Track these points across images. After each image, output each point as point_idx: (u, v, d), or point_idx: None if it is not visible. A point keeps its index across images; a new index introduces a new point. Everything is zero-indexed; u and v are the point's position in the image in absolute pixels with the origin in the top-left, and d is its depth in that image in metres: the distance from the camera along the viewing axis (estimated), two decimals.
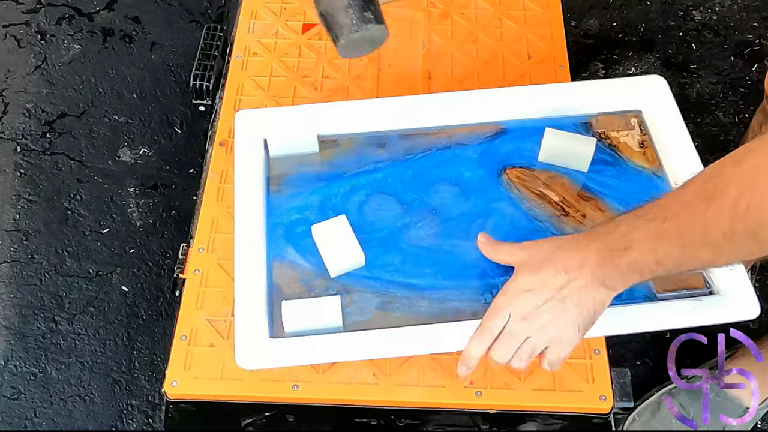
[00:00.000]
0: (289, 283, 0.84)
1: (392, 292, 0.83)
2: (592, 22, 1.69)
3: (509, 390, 0.84)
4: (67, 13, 1.71)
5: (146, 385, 1.25)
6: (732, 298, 0.81)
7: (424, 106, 0.96)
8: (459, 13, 1.13)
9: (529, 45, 1.10)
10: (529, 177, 0.91)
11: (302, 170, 0.92)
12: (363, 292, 0.83)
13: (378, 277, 0.84)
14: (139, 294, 1.34)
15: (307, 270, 0.85)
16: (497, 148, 0.94)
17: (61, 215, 1.42)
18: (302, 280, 0.84)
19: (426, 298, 0.83)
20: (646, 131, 0.94)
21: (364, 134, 0.95)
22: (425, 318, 0.81)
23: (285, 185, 0.91)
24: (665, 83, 0.96)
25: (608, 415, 0.84)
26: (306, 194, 0.90)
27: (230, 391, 0.83)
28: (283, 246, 0.86)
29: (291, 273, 0.85)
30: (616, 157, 0.93)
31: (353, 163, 0.93)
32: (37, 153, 1.50)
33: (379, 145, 0.95)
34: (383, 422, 0.86)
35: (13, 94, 1.58)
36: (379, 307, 0.82)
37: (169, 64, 1.63)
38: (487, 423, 0.87)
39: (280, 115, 0.95)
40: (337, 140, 0.95)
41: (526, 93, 0.97)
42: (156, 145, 1.52)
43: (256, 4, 1.15)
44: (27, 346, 1.29)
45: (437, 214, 0.89)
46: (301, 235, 0.87)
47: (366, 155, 0.94)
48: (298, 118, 0.95)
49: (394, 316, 0.82)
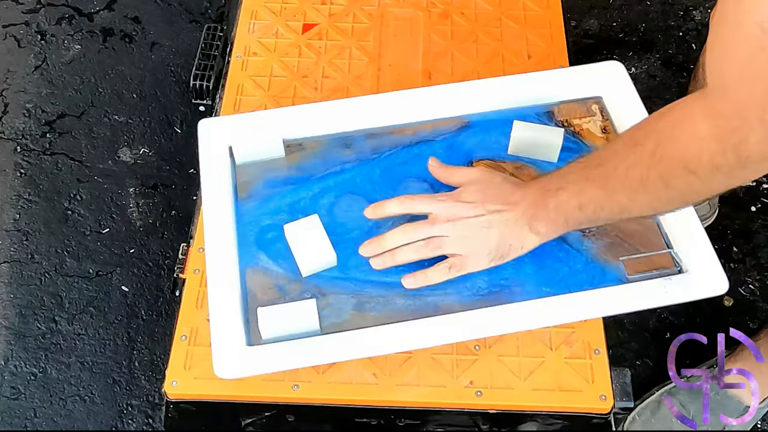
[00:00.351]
0: (263, 290, 0.83)
1: (367, 292, 0.83)
2: (592, 22, 1.69)
3: (509, 390, 0.84)
4: (67, 13, 1.71)
5: (146, 385, 1.25)
6: (701, 275, 0.83)
7: (388, 105, 0.96)
8: (459, 13, 1.13)
9: (529, 45, 1.10)
10: (496, 168, 0.91)
11: (269, 176, 0.91)
12: (338, 294, 0.83)
13: (352, 278, 0.84)
14: (139, 294, 1.34)
15: (280, 275, 0.84)
16: (463, 142, 0.94)
17: (61, 215, 1.42)
18: (276, 286, 0.83)
19: (401, 295, 0.83)
20: (607, 117, 0.95)
21: (330, 136, 0.95)
22: (402, 315, 0.81)
23: (253, 192, 0.90)
24: (623, 68, 0.97)
25: (608, 415, 0.84)
26: (275, 199, 0.90)
27: (230, 391, 0.83)
28: (255, 252, 0.85)
29: (264, 279, 0.84)
30: (580, 144, 0.93)
31: (320, 165, 0.92)
32: (37, 153, 1.50)
33: (346, 146, 0.94)
34: (383, 422, 0.86)
35: (13, 94, 1.58)
36: (355, 308, 0.82)
37: (169, 64, 1.63)
38: (487, 423, 0.87)
39: (244, 122, 0.94)
40: (302, 143, 0.94)
41: (488, 85, 0.97)
42: (156, 145, 1.52)
43: (256, 4, 1.15)
44: (27, 346, 1.29)
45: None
46: (273, 240, 0.86)
47: (333, 157, 0.93)
48: (261, 123, 0.94)
49: (371, 315, 0.81)
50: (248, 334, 0.80)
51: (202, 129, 0.94)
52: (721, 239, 1.38)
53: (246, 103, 1.04)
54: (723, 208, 1.38)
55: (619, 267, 0.84)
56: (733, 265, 1.35)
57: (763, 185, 1.45)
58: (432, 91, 0.97)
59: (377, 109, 0.96)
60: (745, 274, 1.34)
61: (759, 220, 1.41)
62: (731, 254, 1.37)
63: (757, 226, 1.40)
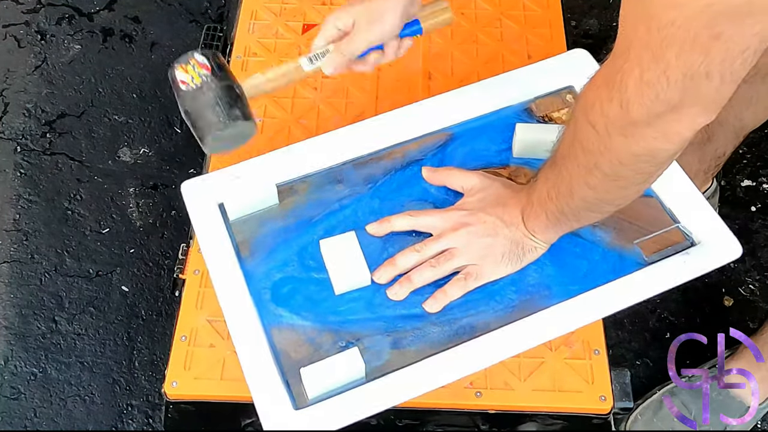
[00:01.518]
0: (295, 348, 0.80)
1: (401, 327, 0.80)
2: (592, 22, 1.69)
3: (509, 390, 0.84)
4: (67, 13, 1.71)
5: (146, 385, 1.25)
6: (714, 243, 0.85)
7: (368, 131, 0.94)
8: (459, 13, 1.13)
9: (529, 45, 1.10)
10: (494, 175, 0.91)
11: (268, 227, 0.88)
12: (372, 336, 0.80)
13: (382, 316, 0.81)
14: (139, 294, 1.34)
15: (308, 328, 0.81)
16: (452, 154, 0.93)
17: (61, 215, 1.42)
18: (307, 341, 0.80)
19: (435, 324, 0.81)
20: None
21: (318, 173, 0.91)
22: (441, 344, 0.79)
23: (255, 248, 0.86)
24: (588, 54, 1.00)
25: (608, 416, 0.84)
26: (280, 251, 0.86)
27: (230, 392, 0.83)
28: (275, 310, 0.82)
29: (293, 336, 0.81)
30: None
31: (316, 206, 0.89)
32: (37, 153, 1.50)
33: (337, 182, 0.91)
34: (383, 422, 0.86)
35: (13, 94, 1.58)
36: (393, 346, 0.79)
37: (169, 64, 1.63)
38: (487, 423, 0.87)
39: (230, 176, 0.90)
40: (293, 187, 0.90)
41: (464, 94, 0.97)
42: (156, 145, 1.52)
43: (256, 4, 1.15)
44: (27, 346, 1.29)
45: (418, 235, 0.86)
46: (290, 293, 0.83)
47: (327, 195, 0.90)
48: (248, 174, 0.90)
49: (411, 351, 0.79)
50: (292, 397, 0.76)
51: (186, 191, 0.89)
52: None
53: None
54: (723, 208, 1.38)
55: (635, 250, 0.85)
56: (733, 265, 1.35)
57: (763, 185, 1.45)
58: (410, 109, 0.96)
59: (359, 137, 0.94)
60: (745, 274, 1.34)
61: (759, 220, 1.41)
62: None
63: (757, 226, 1.40)
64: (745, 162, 1.47)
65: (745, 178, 1.45)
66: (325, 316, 0.82)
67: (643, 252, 0.85)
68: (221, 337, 0.86)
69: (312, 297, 0.83)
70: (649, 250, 0.85)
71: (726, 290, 1.33)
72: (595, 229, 0.86)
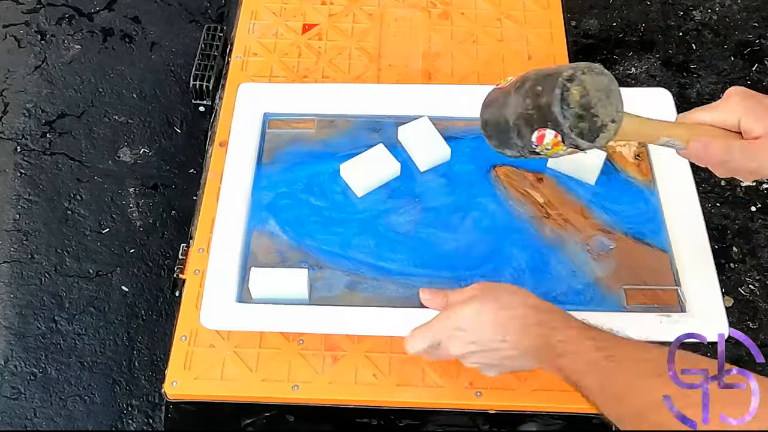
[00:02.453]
0: (264, 252, 0.86)
1: (362, 273, 0.84)
2: (592, 22, 1.69)
3: (509, 390, 0.84)
4: (67, 13, 1.71)
5: (146, 385, 1.25)
6: (701, 317, 0.80)
7: (424, 96, 0.97)
8: (459, 13, 1.13)
9: (530, 45, 1.10)
10: (518, 176, 0.91)
11: (296, 147, 0.94)
12: (334, 269, 0.85)
13: (351, 257, 0.85)
14: (139, 294, 1.34)
15: (284, 242, 0.86)
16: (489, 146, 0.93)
17: (61, 215, 1.42)
18: (277, 251, 0.86)
19: (394, 283, 0.84)
20: (644, 144, 0.93)
21: (361, 117, 0.96)
22: (390, 301, 0.82)
23: (277, 159, 0.93)
24: (670, 97, 0.95)
25: None
26: (296, 169, 0.92)
27: (230, 391, 0.83)
28: (265, 216, 0.88)
29: (268, 243, 0.86)
30: (608, 167, 0.92)
31: (347, 144, 0.94)
32: (37, 153, 1.50)
33: (375, 130, 0.95)
34: (383, 422, 0.86)
35: (13, 94, 1.58)
36: (348, 286, 0.84)
37: (169, 64, 1.63)
38: (487, 423, 0.87)
39: (281, 91, 0.98)
40: (333, 120, 0.96)
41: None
42: (156, 145, 1.52)
43: (256, 4, 1.15)
44: (27, 346, 1.29)
45: (420, 203, 0.89)
46: (285, 207, 0.89)
47: (360, 137, 0.94)
48: (298, 96, 0.97)
49: (361, 296, 0.83)
50: (240, 291, 0.83)
51: (242, 92, 0.96)
52: (721, 239, 1.38)
53: None
54: (723, 208, 1.38)
55: (619, 294, 0.82)
56: (733, 265, 1.35)
57: (763, 185, 1.45)
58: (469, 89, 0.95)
59: (411, 99, 0.96)
60: (745, 274, 1.34)
61: (759, 220, 1.41)
62: (731, 254, 1.37)
63: (757, 226, 1.40)
64: None
65: None
66: (303, 237, 0.87)
67: (626, 298, 0.82)
68: (221, 337, 0.86)
69: (301, 217, 0.88)
70: (633, 300, 0.82)
71: (726, 290, 1.33)
72: (591, 260, 0.85)
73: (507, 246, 0.86)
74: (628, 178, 0.91)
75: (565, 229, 0.87)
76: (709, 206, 1.48)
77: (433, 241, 0.86)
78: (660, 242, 0.86)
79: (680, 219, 0.86)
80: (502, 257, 0.85)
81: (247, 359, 0.84)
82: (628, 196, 0.90)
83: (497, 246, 0.86)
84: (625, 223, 0.87)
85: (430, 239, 0.87)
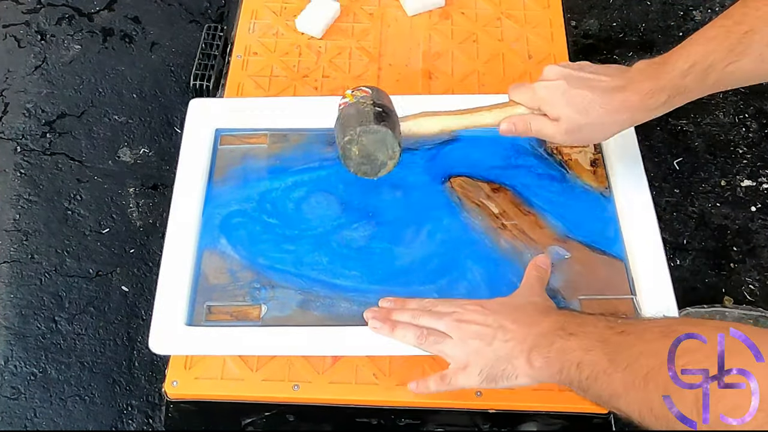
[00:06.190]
0: (215, 273, 0.85)
1: (315, 291, 0.83)
2: (592, 22, 1.69)
3: (509, 390, 0.84)
4: (67, 13, 1.71)
5: (146, 385, 1.25)
6: None
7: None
8: (459, 13, 1.13)
9: (530, 45, 1.10)
10: (473, 187, 0.90)
11: (248, 163, 0.92)
12: (286, 288, 0.83)
13: (304, 275, 0.84)
14: (139, 294, 1.34)
15: (236, 261, 0.85)
16: (446, 156, 0.93)
17: (61, 215, 1.43)
18: (229, 271, 0.85)
19: (348, 300, 0.82)
20: (599, 150, 0.93)
21: (314, 131, 0.95)
22: (343, 319, 0.81)
23: (228, 176, 0.91)
24: None
25: (608, 416, 0.84)
26: (248, 187, 0.91)
27: (230, 391, 0.83)
28: (217, 236, 0.87)
29: (219, 263, 0.85)
30: (564, 174, 0.91)
31: (299, 159, 0.92)
32: (37, 153, 1.50)
33: (329, 143, 0.94)
34: (383, 422, 0.86)
35: (13, 94, 1.58)
36: (300, 305, 0.82)
37: (169, 64, 1.63)
38: (487, 423, 0.87)
39: (233, 106, 0.96)
40: (286, 135, 0.95)
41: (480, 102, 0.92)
42: (156, 145, 1.52)
43: (256, 4, 1.15)
44: (27, 346, 1.29)
45: (374, 217, 0.88)
46: (236, 226, 0.87)
47: (313, 152, 0.93)
48: (250, 110, 0.95)
49: (313, 315, 0.82)
50: (191, 313, 0.81)
51: (192, 108, 0.95)
52: (721, 239, 1.38)
53: None
54: (723, 208, 1.38)
55: (576, 305, 0.81)
56: (733, 265, 1.35)
57: (763, 185, 1.45)
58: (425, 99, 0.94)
59: None
60: (745, 274, 1.34)
61: (759, 220, 1.41)
62: (731, 254, 1.37)
63: (757, 226, 1.40)
64: (745, 162, 1.47)
65: (745, 178, 1.45)
66: (255, 256, 0.85)
67: (582, 309, 0.81)
68: None
69: (253, 236, 0.87)
70: (589, 310, 0.81)
71: (726, 290, 1.33)
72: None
73: (462, 259, 0.84)
74: (584, 185, 0.90)
75: (521, 240, 0.86)
76: (709, 206, 1.48)
77: (388, 256, 0.85)
78: (616, 251, 0.85)
79: (635, 227, 0.85)
80: (457, 270, 0.84)
81: (247, 359, 0.84)
82: (583, 203, 0.88)
83: (452, 259, 0.85)
84: (581, 232, 0.86)
85: (385, 254, 0.85)
